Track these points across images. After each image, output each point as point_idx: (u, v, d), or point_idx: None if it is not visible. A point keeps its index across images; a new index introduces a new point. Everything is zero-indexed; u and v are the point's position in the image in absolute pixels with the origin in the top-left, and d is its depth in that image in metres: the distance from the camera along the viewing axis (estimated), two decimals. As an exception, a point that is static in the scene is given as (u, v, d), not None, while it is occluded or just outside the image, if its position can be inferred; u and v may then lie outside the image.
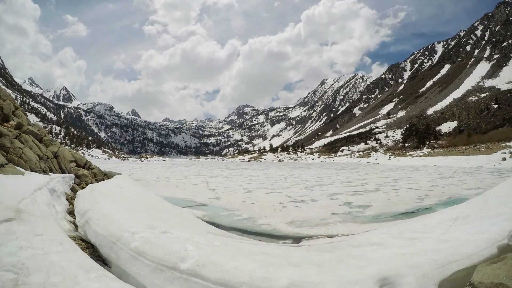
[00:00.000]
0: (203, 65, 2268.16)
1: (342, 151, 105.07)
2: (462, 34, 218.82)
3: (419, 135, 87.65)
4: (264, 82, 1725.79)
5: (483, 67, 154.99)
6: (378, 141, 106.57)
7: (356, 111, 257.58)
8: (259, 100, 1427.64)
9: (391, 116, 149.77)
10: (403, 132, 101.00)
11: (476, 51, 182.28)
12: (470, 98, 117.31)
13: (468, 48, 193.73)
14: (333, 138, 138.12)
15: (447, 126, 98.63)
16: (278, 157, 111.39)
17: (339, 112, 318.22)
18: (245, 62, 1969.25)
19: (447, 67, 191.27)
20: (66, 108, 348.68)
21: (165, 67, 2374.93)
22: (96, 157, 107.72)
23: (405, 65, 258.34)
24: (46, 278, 1.92)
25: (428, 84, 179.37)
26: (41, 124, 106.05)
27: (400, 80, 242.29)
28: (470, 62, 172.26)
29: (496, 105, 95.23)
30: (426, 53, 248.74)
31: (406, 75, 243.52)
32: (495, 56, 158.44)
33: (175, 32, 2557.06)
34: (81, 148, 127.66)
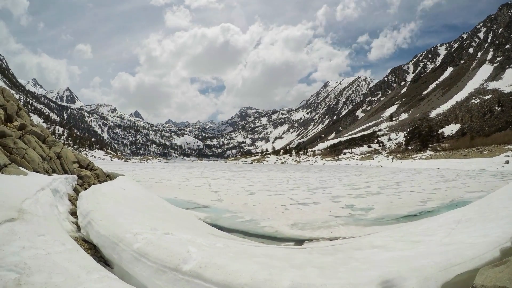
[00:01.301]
0: (217, 53, 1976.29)
1: (344, 153, 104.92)
2: (464, 36, 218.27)
3: (422, 137, 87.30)
4: (281, 74, 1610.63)
5: (486, 70, 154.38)
6: (381, 144, 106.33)
7: (359, 113, 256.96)
8: (273, 95, 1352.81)
9: (394, 119, 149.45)
10: (406, 134, 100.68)
11: (479, 53, 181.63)
12: (473, 101, 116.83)
13: (471, 50, 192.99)
14: (335, 141, 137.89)
15: (450, 129, 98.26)
16: (280, 159, 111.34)
17: (342, 114, 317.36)
18: (264, 52, 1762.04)
19: (450, 69, 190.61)
20: (69, 109, 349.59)
21: (174, 54, 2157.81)
22: (99, 158, 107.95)
23: (408, 68, 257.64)
24: (49, 278, 1.93)
25: (431, 87, 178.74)
26: (44, 125, 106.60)
27: (403, 83, 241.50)
28: (473, 65, 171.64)
29: (499, 108, 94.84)
30: (429, 55, 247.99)
31: (409, 77, 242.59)
32: (498, 59, 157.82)
33: (191, 4, 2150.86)
34: (84, 149, 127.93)
